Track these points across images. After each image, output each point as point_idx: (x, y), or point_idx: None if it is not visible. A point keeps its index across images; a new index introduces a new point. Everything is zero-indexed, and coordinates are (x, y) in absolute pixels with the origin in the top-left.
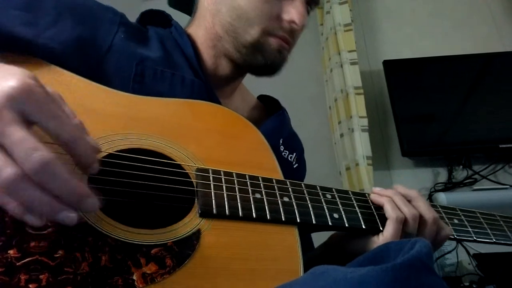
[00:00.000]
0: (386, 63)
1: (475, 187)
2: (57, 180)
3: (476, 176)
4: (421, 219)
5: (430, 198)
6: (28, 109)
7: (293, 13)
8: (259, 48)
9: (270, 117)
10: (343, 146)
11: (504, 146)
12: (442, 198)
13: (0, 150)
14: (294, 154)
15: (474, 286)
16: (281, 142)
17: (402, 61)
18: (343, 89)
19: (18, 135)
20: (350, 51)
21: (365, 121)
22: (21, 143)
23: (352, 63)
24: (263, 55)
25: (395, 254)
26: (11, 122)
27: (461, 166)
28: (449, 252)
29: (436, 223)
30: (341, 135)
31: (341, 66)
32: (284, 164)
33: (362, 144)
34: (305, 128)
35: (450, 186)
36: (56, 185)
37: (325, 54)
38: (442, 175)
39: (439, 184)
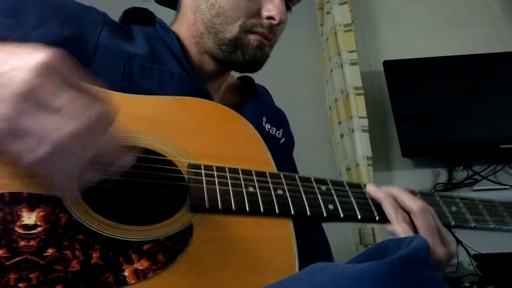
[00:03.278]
0: (386, 63)
1: (475, 188)
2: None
3: (477, 176)
4: (410, 213)
5: None
6: (67, 74)
7: (271, 9)
8: (238, 45)
9: (247, 98)
10: (343, 147)
11: (504, 146)
12: None
13: (53, 111)
14: (281, 130)
15: (475, 287)
16: (264, 120)
17: (402, 62)
18: (343, 89)
19: (69, 95)
20: (350, 52)
21: (365, 122)
22: (76, 100)
23: (352, 64)
24: (242, 52)
25: (393, 251)
26: (59, 86)
27: (461, 167)
28: None
29: (426, 210)
30: (341, 136)
31: (341, 66)
32: (271, 140)
33: (362, 145)
34: (305, 129)
35: (450, 186)
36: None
37: (325, 55)
38: (442, 175)
39: (439, 185)
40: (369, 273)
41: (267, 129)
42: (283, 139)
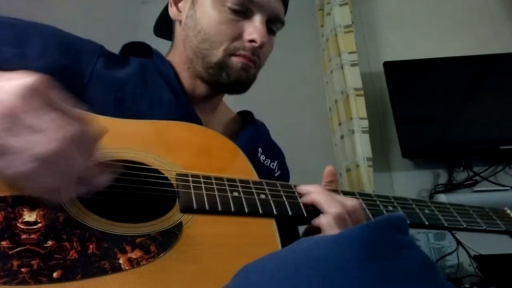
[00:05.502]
0: (386, 64)
1: (475, 189)
2: (70, 162)
3: (477, 177)
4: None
5: (431, 199)
6: (50, 96)
7: (252, 33)
8: (223, 67)
9: (245, 127)
10: (344, 148)
11: (504, 147)
12: (443, 199)
13: (34, 132)
14: (276, 162)
15: None
16: (260, 150)
17: (402, 63)
18: (343, 90)
19: (51, 116)
20: (350, 53)
21: (365, 123)
22: (57, 121)
23: (353, 65)
24: (227, 74)
25: None
26: (41, 107)
27: (461, 168)
28: (450, 253)
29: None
30: (342, 137)
31: (342, 67)
32: (265, 170)
33: (362, 146)
34: (306, 130)
35: (450, 187)
36: (67, 166)
37: (326, 56)
38: (443, 176)
39: (440, 186)
40: (348, 235)
41: (262, 160)
42: (278, 172)
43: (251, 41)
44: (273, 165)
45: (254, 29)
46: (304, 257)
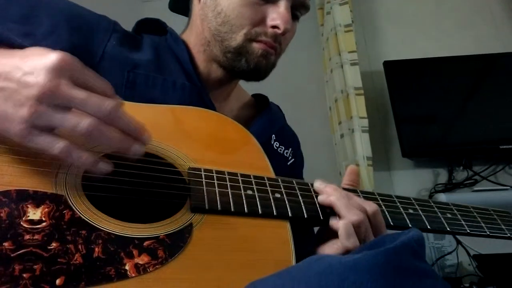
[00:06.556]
0: (387, 63)
1: (475, 188)
2: (124, 120)
3: (477, 177)
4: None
5: (430, 198)
6: (76, 75)
7: (276, 18)
8: (243, 53)
9: (259, 115)
10: (344, 147)
11: (504, 147)
12: (443, 199)
13: (67, 110)
14: (290, 149)
15: (474, 287)
16: (274, 138)
17: (402, 62)
18: (343, 89)
19: (83, 94)
20: (350, 52)
21: (365, 122)
22: (89, 99)
23: (353, 64)
24: (246, 60)
25: (389, 243)
26: (72, 87)
27: (461, 167)
28: (449, 253)
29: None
30: (342, 136)
31: (342, 66)
32: (278, 158)
33: (362, 145)
34: (306, 129)
35: (450, 187)
36: (125, 123)
37: (326, 55)
38: (443, 176)
39: (440, 185)
40: (365, 261)
41: (276, 147)
42: (292, 159)
43: (274, 27)
44: (286, 153)
45: (278, 14)
46: (316, 282)
